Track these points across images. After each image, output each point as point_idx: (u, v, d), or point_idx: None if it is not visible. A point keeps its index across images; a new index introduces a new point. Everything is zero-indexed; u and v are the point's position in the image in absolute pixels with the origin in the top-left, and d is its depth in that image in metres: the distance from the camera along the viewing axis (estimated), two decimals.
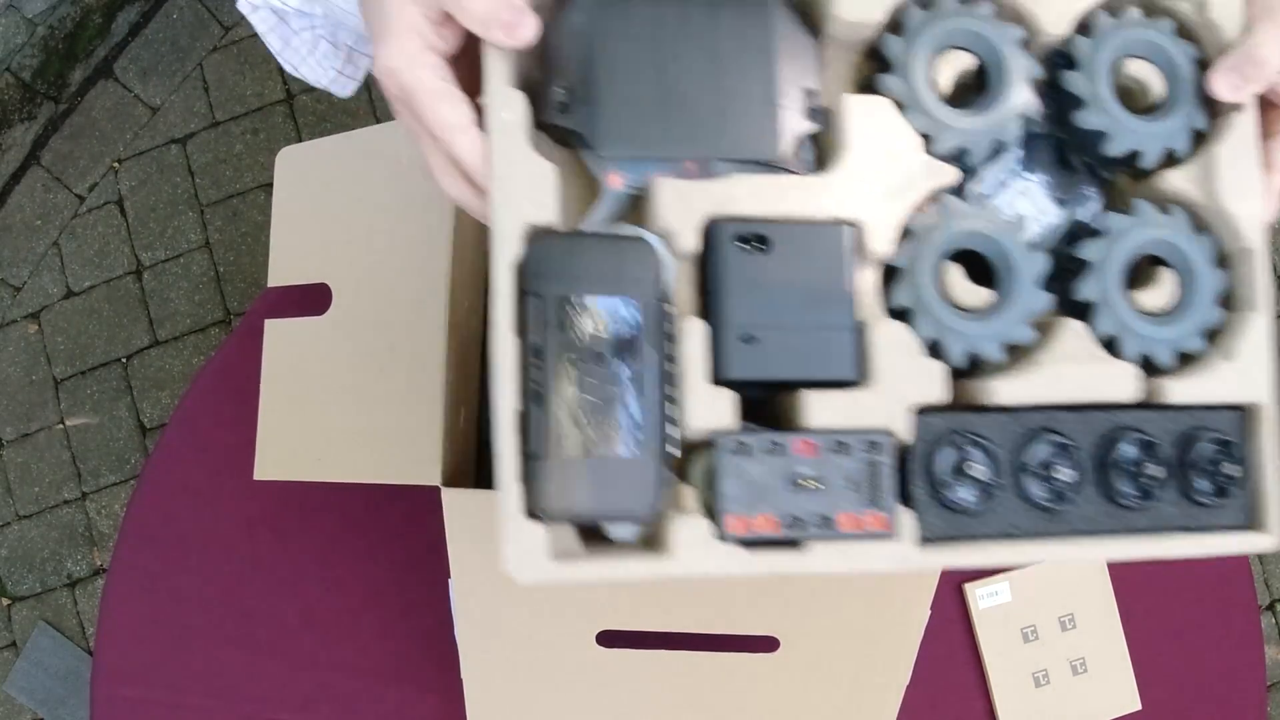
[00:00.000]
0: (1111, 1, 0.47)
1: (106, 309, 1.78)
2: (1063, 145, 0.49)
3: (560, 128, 0.45)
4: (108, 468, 1.76)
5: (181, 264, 1.78)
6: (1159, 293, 0.47)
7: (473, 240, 0.84)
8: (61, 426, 1.76)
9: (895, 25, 0.46)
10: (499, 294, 0.43)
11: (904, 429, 0.44)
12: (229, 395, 1.01)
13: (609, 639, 0.78)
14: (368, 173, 0.79)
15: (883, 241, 0.45)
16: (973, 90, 0.47)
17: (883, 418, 0.44)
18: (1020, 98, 0.46)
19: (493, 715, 0.81)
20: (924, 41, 0.46)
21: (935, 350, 0.45)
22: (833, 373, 0.44)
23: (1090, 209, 0.49)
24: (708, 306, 0.45)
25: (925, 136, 0.45)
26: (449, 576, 0.76)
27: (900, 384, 0.44)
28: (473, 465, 0.88)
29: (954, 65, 0.46)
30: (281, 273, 0.80)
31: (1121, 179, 0.50)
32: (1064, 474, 0.45)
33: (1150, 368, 0.46)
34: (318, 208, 0.80)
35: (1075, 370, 0.45)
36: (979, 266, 0.46)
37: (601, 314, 0.42)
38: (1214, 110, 0.47)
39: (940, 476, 0.44)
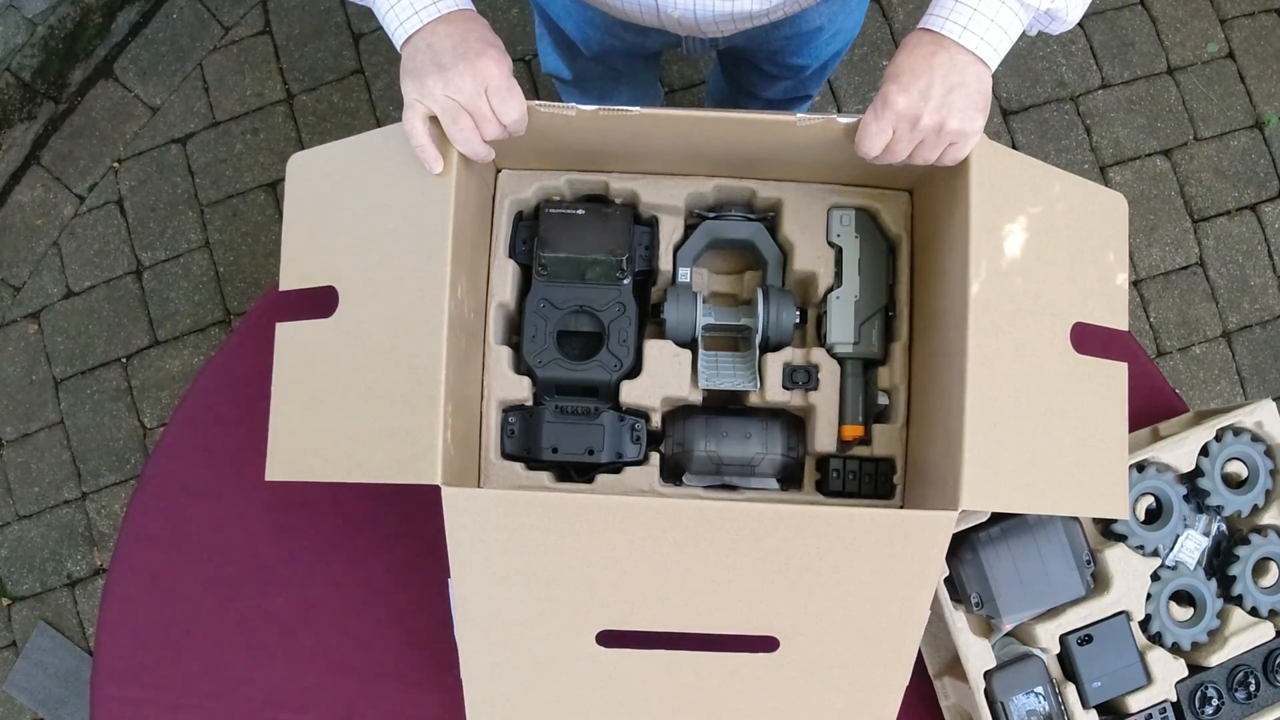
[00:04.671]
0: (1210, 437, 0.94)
1: (106, 309, 1.78)
2: (1203, 507, 0.95)
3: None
4: (108, 468, 1.76)
5: (181, 264, 1.78)
6: (1269, 576, 0.95)
7: (473, 242, 0.84)
8: (61, 426, 1.76)
9: None
10: None
11: (1172, 694, 0.92)
12: (229, 395, 1.01)
13: (609, 639, 0.78)
14: (374, 177, 0.79)
15: (1137, 608, 0.92)
16: (1156, 515, 0.94)
17: (1159, 694, 0.92)
18: (1179, 513, 0.92)
19: (493, 715, 0.81)
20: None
21: (1175, 648, 0.93)
22: (1133, 685, 0.91)
23: (1216, 528, 0.96)
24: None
25: (1140, 548, 0.91)
26: (449, 576, 0.76)
27: (1168, 676, 0.92)
28: (473, 465, 0.88)
29: (1143, 504, 0.94)
30: (292, 277, 0.80)
31: (1235, 518, 0.97)
32: (1251, 684, 0.93)
33: (1272, 615, 0.95)
34: (326, 212, 0.80)
35: (1244, 634, 0.93)
36: (1187, 598, 0.95)
37: None
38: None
39: (1198, 708, 0.92)
